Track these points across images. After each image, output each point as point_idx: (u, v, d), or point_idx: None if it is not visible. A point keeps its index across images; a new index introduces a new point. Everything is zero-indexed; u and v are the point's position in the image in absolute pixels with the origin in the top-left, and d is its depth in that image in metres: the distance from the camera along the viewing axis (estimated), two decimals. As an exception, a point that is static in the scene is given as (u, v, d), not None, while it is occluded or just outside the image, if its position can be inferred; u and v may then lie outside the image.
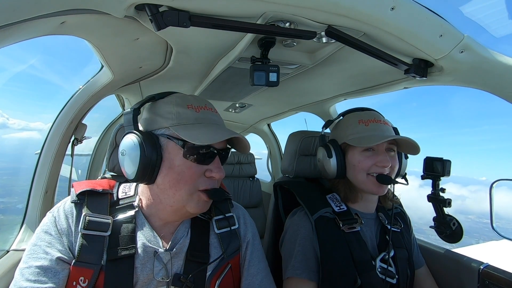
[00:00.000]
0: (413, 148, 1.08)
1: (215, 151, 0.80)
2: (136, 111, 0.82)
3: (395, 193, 1.20)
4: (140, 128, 0.83)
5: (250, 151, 0.93)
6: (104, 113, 2.58)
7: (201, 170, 0.79)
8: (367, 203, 1.16)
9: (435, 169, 1.21)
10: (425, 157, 1.25)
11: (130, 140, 0.77)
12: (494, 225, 1.23)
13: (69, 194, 0.86)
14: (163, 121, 0.79)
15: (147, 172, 0.76)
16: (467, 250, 3.74)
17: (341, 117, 1.23)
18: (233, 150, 0.91)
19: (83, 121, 1.50)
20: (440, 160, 1.20)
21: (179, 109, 0.79)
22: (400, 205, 1.33)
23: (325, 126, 1.28)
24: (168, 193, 0.78)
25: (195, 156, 0.77)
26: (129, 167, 0.77)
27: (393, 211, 1.15)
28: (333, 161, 1.12)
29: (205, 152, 0.78)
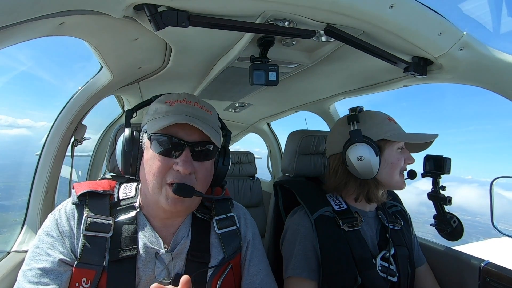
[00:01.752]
0: (423, 147, 1.11)
1: (182, 143, 0.78)
2: (128, 112, 0.90)
3: None
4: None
5: (250, 151, 0.93)
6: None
7: (168, 163, 0.78)
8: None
9: (435, 167, 1.21)
10: (425, 155, 1.25)
11: (119, 138, 0.86)
12: (494, 222, 1.23)
13: (69, 195, 0.86)
14: (146, 118, 0.85)
15: (129, 165, 0.82)
16: (467, 247, 3.74)
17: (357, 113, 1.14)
18: (232, 149, 0.91)
19: (83, 122, 1.50)
20: (440, 158, 1.20)
21: (158, 105, 0.84)
22: (401, 203, 1.33)
23: (351, 121, 1.10)
24: (146, 187, 0.81)
25: (159, 147, 0.78)
26: (118, 162, 0.86)
27: (386, 208, 1.15)
28: (378, 159, 1.04)
29: (169, 143, 0.77)
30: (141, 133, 0.85)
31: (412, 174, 1.07)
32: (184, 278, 0.60)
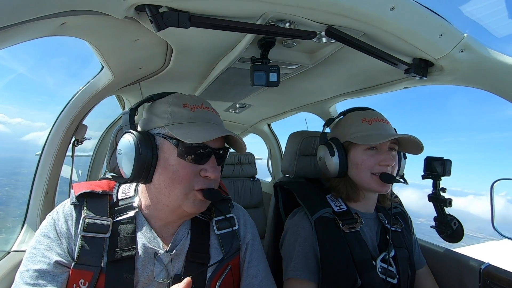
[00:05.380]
0: (416, 147, 1.08)
1: (210, 151, 0.79)
2: (132, 111, 0.84)
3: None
4: (139, 128, 0.85)
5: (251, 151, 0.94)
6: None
7: (196, 169, 0.78)
8: (367, 202, 1.16)
9: (436, 168, 1.20)
10: (425, 157, 1.25)
11: (126, 139, 0.79)
12: (494, 224, 1.23)
13: (69, 196, 0.86)
14: (159, 120, 0.80)
15: (143, 171, 0.76)
16: (468, 250, 3.73)
17: (342, 116, 1.23)
18: (232, 150, 0.91)
19: (83, 122, 1.50)
20: (441, 160, 1.19)
21: (175, 108, 0.80)
22: (401, 204, 1.33)
23: (326, 125, 1.28)
24: (164, 193, 0.79)
25: (189, 155, 0.77)
26: (126, 166, 0.79)
27: (392, 211, 1.15)
28: (335, 160, 1.11)
29: (199, 151, 0.78)
30: (152, 136, 0.79)
31: (384, 177, 1.04)
32: (186, 280, 0.60)
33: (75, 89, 1.36)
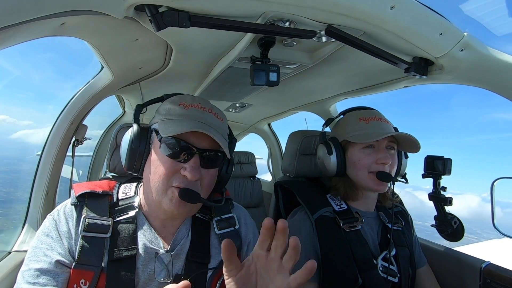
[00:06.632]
0: (413, 146, 1.08)
1: (193, 149, 0.77)
2: (138, 107, 0.89)
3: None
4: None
5: (251, 151, 0.93)
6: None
7: (176, 167, 0.77)
8: (367, 201, 1.16)
9: (436, 167, 1.20)
10: (425, 156, 1.25)
11: (126, 132, 0.86)
12: (495, 222, 1.23)
13: (70, 196, 0.86)
14: (157, 116, 0.85)
15: (133, 162, 0.82)
16: (468, 248, 3.73)
17: (342, 116, 1.23)
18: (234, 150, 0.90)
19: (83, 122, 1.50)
20: (441, 158, 1.19)
21: (171, 106, 0.83)
22: (401, 203, 1.33)
23: (325, 124, 1.28)
24: (149, 186, 0.81)
25: (168, 150, 0.77)
26: (122, 156, 0.85)
27: (393, 210, 1.15)
28: (333, 158, 1.12)
29: (178, 147, 0.77)
30: (150, 131, 0.84)
31: (380, 175, 1.04)
32: (184, 282, 0.60)
33: (67, 85, 1.36)
